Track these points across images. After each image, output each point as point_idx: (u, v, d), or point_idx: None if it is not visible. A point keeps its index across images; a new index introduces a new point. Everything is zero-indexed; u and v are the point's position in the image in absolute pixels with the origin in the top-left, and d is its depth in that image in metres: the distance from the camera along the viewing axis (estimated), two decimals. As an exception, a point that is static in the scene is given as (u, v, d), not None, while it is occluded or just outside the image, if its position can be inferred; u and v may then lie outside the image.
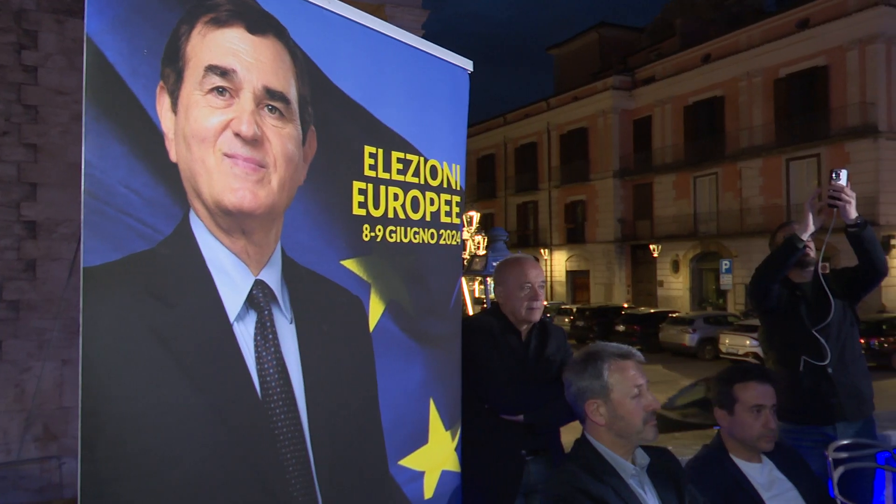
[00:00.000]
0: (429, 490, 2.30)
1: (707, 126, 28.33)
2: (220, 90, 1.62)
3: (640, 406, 1.96)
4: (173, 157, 1.54)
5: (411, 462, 2.22)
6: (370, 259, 2.07)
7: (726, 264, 25.46)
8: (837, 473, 2.81)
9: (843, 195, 2.85)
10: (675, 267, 29.85)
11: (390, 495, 2.14)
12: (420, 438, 2.27)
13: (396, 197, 2.18)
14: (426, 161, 2.30)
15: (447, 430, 2.40)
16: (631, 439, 1.98)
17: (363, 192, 2.05)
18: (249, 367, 1.67)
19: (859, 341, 3.21)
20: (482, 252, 13.67)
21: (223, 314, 1.63)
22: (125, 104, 1.46)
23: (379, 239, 2.11)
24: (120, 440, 1.44)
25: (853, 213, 2.88)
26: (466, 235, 13.78)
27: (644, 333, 23.61)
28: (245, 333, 1.67)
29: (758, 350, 17.06)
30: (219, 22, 1.62)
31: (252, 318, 1.70)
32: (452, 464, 2.44)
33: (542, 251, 36.19)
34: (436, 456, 2.34)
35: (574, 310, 28.45)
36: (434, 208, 2.34)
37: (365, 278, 2.05)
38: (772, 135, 25.66)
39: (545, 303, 2.85)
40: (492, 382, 2.57)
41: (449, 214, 2.42)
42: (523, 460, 2.56)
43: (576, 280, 35.64)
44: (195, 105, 1.57)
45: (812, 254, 3.06)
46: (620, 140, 32.48)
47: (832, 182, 2.88)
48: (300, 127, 1.82)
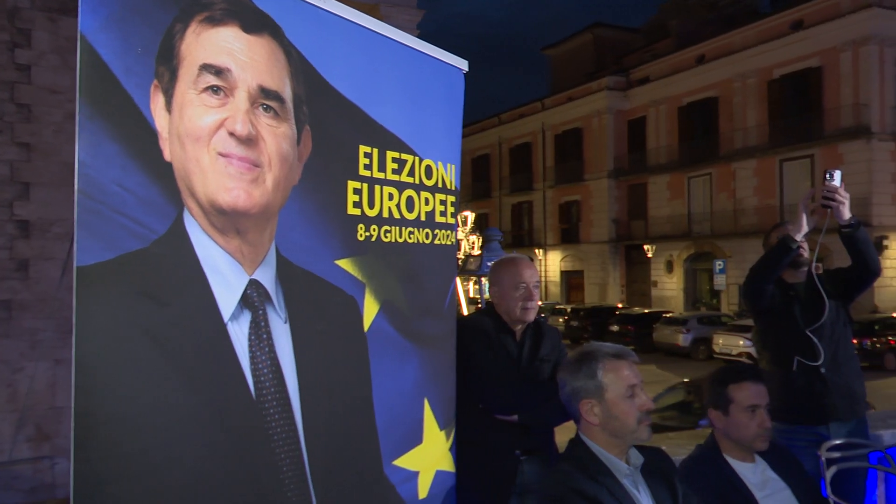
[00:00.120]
0: (423, 490, 2.30)
1: (701, 127, 28.40)
2: (215, 89, 1.61)
3: (635, 406, 1.96)
4: (167, 157, 1.53)
5: (406, 462, 2.22)
6: (365, 259, 2.06)
7: (720, 265, 25.54)
8: (830, 473, 2.82)
9: (837, 196, 2.86)
10: (669, 267, 29.92)
11: (385, 495, 2.14)
12: (414, 438, 2.27)
13: (391, 197, 2.17)
14: (421, 161, 2.30)
15: (442, 430, 2.40)
16: (625, 439, 1.98)
17: (358, 192, 2.05)
18: (243, 367, 1.67)
19: (852, 341, 3.22)
20: (477, 252, 13.67)
21: (217, 314, 1.62)
22: (119, 103, 1.45)
23: (374, 239, 2.10)
24: (113, 440, 1.43)
25: (847, 214, 2.89)
26: (461, 235, 13.80)
27: (638, 333, 23.67)
28: (239, 333, 1.67)
29: (751, 350, 17.10)
30: (213, 21, 1.62)
31: (246, 318, 1.69)
32: (447, 464, 2.44)
33: (537, 251, 36.22)
34: (430, 456, 2.34)
35: (568, 310, 28.51)
36: (429, 208, 2.34)
37: (360, 278, 2.05)
38: (766, 135, 25.74)
39: (539, 303, 2.85)
40: (486, 382, 2.57)
41: (444, 214, 2.42)
42: (518, 460, 2.56)
43: (570, 280, 35.70)
44: (189, 104, 1.57)
45: (806, 254, 3.07)
46: (615, 140, 32.53)
47: (826, 183, 2.89)
48: (295, 126, 1.82)
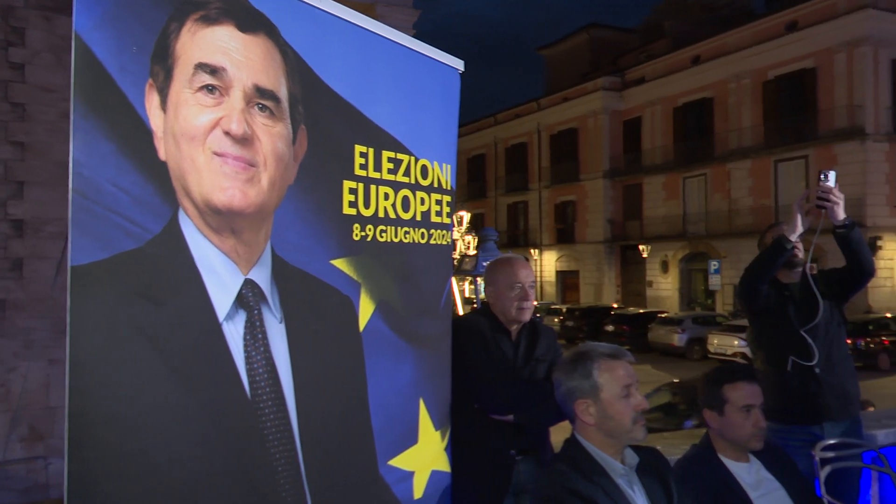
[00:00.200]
0: (418, 490, 2.30)
1: (696, 127, 28.46)
2: (210, 88, 1.61)
3: (630, 406, 1.96)
4: (162, 156, 1.53)
5: (401, 462, 2.22)
6: (360, 259, 2.06)
7: (715, 265, 25.60)
8: (824, 473, 2.83)
9: (832, 196, 2.87)
10: (665, 267, 29.97)
11: (380, 495, 2.13)
12: (410, 438, 2.27)
13: (387, 196, 2.17)
14: (417, 161, 2.29)
15: (437, 430, 2.40)
16: (620, 439, 1.98)
17: (353, 192, 2.05)
18: (238, 367, 1.67)
19: (846, 342, 3.23)
20: (472, 252, 13.67)
21: (212, 313, 1.62)
22: (114, 102, 1.45)
23: (369, 238, 2.10)
24: (107, 440, 1.43)
25: (841, 215, 2.90)
26: (457, 235, 13.79)
27: (633, 333, 23.71)
28: (234, 333, 1.66)
29: (746, 350, 17.15)
30: (209, 20, 1.61)
31: (241, 318, 1.69)
32: (442, 464, 2.44)
33: (532, 251, 36.25)
34: (425, 456, 2.34)
35: (564, 310, 28.53)
36: (424, 208, 2.34)
37: (355, 278, 2.05)
38: (760, 136, 25.82)
39: (535, 303, 2.85)
40: (482, 382, 2.57)
41: (439, 214, 2.42)
42: (513, 460, 2.56)
43: (565, 280, 35.72)
44: (185, 103, 1.56)
45: (800, 254, 3.07)
46: (610, 141, 32.58)
47: (820, 183, 2.90)
48: (290, 126, 1.82)
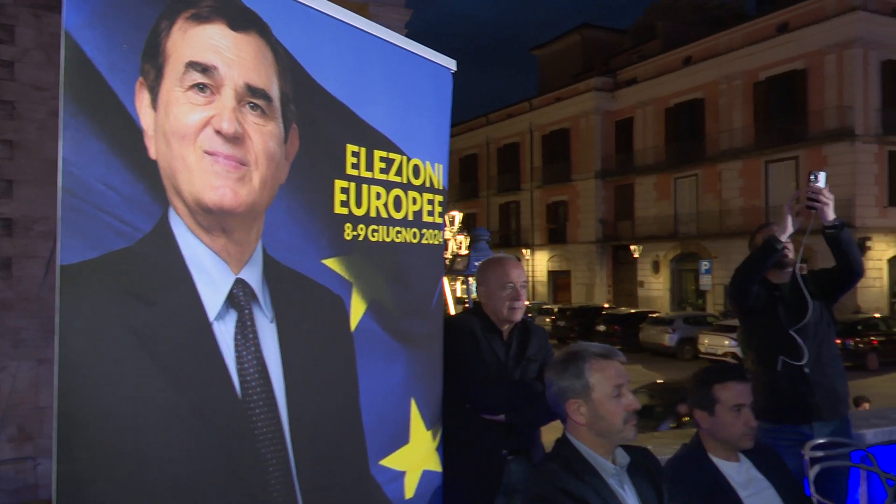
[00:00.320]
0: (410, 490, 2.30)
1: (688, 128, 28.56)
2: (201, 87, 1.60)
3: (621, 406, 1.97)
4: (153, 154, 1.52)
5: (392, 462, 2.21)
6: (352, 258, 2.06)
7: (706, 265, 25.71)
8: (813, 472, 2.84)
9: (822, 197, 2.88)
10: (656, 267, 30.08)
11: (371, 495, 2.13)
12: (401, 438, 2.27)
13: (379, 196, 2.17)
14: (409, 160, 2.29)
15: (428, 430, 2.40)
16: (611, 439, 1.99)
17: (345, 191, 2.04)
18: (229, 367, 1.66)
19: (835, 342, 3.25)
20: (464, 252, 13.67)
21: (203, 313, 1.61)
22: (104, 100, 1.44)
23: (361, 238, 2.10)
24: (96, 440, 1.42)
25: (831, 215, 2.91)
26: (449, 235, 13.80)
27: (624, 333, 23.77)
28: (225, 333, 1.66)
29: (736, 350, 17.23)
30: (200, 18, 1.61)
31: (232, 318, 1.68)
32: (434, 463, 2.44)
33: (524, 251, 36.29)
34: (417, 456, 2.34)
35: (555, 310, 28.58)
36: (416, 208, 2.34)
37: (347, 277, 2.04)
38: (751, 137, 25.93)
39: (527, 303, 2.85)
40: (473, 382, 2.57)
41: (431, 214, 2.42)
42: (504, 460, 2.57)
43: (557, 280, 35.78)
44: (175, 102, 1.56)
45: (791, 255, 3.09)
46: (602, 141, 32.65)
47: (810, 184, 2.92)
48: (282, 125, 1.81)
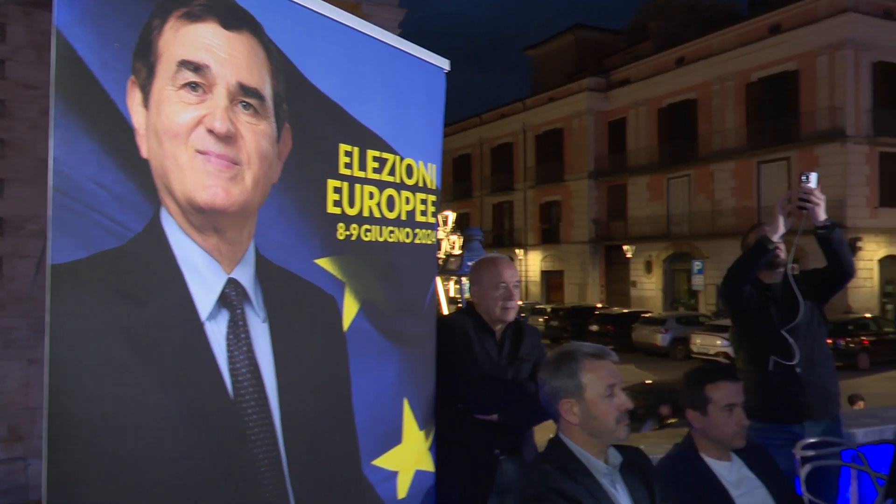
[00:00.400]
0: (402, 490, 2.30)
1: (681, 128, 28.64)
2: (193, 86, 1.60)
3: (614, 405, 1.97)
4: (144, 153, 1.52)
5: (385, 462, 2.21)
6: (345, 258, 2.05)
7: (698, 265, 25.79)
8: (805, 471, 2.86)
9: (813, 197, 2.90)
10: (648, 267, 30.16)
11: (363, 495, 2.13)
12: (394, 438, 2.27)
13: (372, 196, 2.17)
14: (402, 160, 2.29)
15: (421, 430, 2.40)
16: (604, 438, 1.99)
17: (338, 191, 2.04)
18: (221, 367, 1.65)
19: (827, 341, 3.26)
20: (458, 252, 13.68)
21: (194, 313, 1.61)
22: (95, 98, 1.43)
23: (354, 238, 2.09)
24: (87, 441, 1.41)
25: (822, 216, 2.93)
26: (442, 235, 13.78)
27: (617, 333, 23.83)
28: (217, 332, 1.65)
29: (728, 350, 17.29)
30: (192, 16, 1.60)
31: (224, 317, 1.67)
32: (426, 463, 2.44)
33: (518, 251, 36.32)
34: (409, 456, 2.34)
35: (548, 310, 28.62)
36: (409, 207, 2.34)
37: (339, 277, 2.04)
38: (744, 138, 26.03)
39: (520, 302, 2.85)
40: (466, 382, 2.57)
41: (424, 214, 2.41)
42: (497, 460, 2.57)
43: (550, 280, 35.84)
44: (167, 100, 1.55)
45: (782, 255, 3.10)
46: (595, 141, 32.71)
47: (802, 185, 2.93)
48: (275, 124, 1.81)
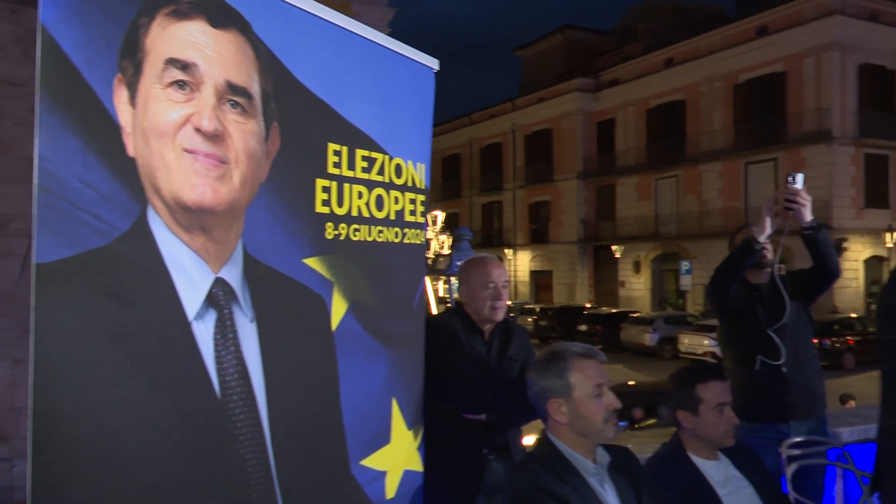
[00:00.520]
0: (391, 490, 2.29)
1: (669, 129, 28.77)
2: (181, 84, 1.59)
3: (602, 405, 1.98)
4: (131, 152, 1.50)
5: (373, 462, 2.21)
6: (333, 258, 2.05)
7: (686, 265, 25.92)
8: (791, 470, 2.88)
9: (799, 198, 2.92)
10: (637, 268, 30.28)
11: (352, 495, 2.12)
12: (382, 438, 2.26)
13: (360, 195, 2.16)
14: (391, 159, 2.29)
15: (409, 430, 2.40)
16: (592, 438, 2.00)
17: (327, 190, 2.03)
18: (208, 367, 1.64)
19: (813, 341, 3.28)
20: (446, 251, 13.68)
21: (181, 313, 1.60)
22: (81, 96, 1.42)
23: (342, 237, 2.09)
24: (73, 442, 1.40)
25: (808, 216, 2.95)
26: (431, 235, 13.77)
27: (606, 333, 23.91)
28: (204, 332, 1.64)
29: (716, 350, 17.40)
30: (180, 14, 1.59)
31: (212, 317, 1.67)
32: (415, 463, 2.43)
33: (507, 251, 36.36)
34: (398, 455, 2.33)
35: (537, 309, 28.68)
36: (398, 207, 2.33)
37: (328, 277, 2.03)
38: (731, 139, 26.19)
39: (508, 302, 2.86)
40: (454, 381, 2.57)
41: (413, 213, 2.41)
42: (486, 459, 2.57)
43: (539, 280, 35.91)
44: (154, 99, 1.54)
45: (769, 255, 3.12)
46: (584, 141, 32.80)
47: (788, 185, 2.95)
48: (263, 123, 1.80)
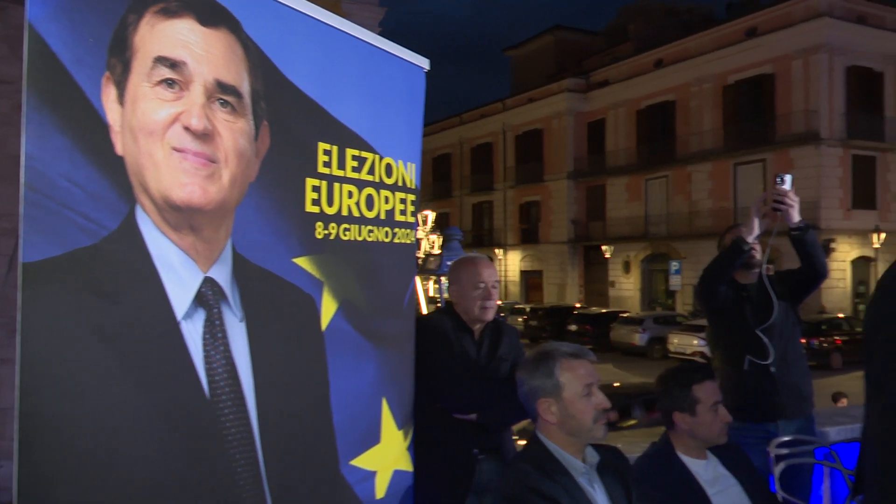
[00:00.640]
0: (380, 490, 2.29)
1: (659, 130, 28.88)
2: (170, 82, 1.58)
3: (591, 405, 1.98)
4: (119, 151, 1.49)
5: (363, 462, 2.20)
6: (323, 257, 2.04)
7: (676, 266, 26.03)
8: (779, 469, 2.90)
9: (787, 199, 2.93)
10: (627, 268, 30.38)
11: (341, 495, 2.12)
12: (372, 438, 2.26)
13: (351, 195, 2.16)
14: (381, 159, 2.28)
15: (399, 430, 2.39)
16: (581, 438, 2.00)
17: (317, 189, 2.03)
18: (197, 367, 1.64)
19: (801, 341, 3.31)
20: (437, 251, 13.67)
21: (170, 312, 1.59)
22: (68, 94, 1.41)
23: (332, 237, 2.08)
24: (59, 442, 1.39)
25: (796, 217, 2.97)
26: (421, 234, 13.76)
27: (596, 333, 23.97)
28: (193, 332, 1.63)
29: (705, 349, 17.48)
30: (168, 12, 1.58)
31: (201, 317, 1.66)
32: (405, 463, 2.43)
33: (497, 251, 36.39)
34: (388, 455, 2.33)
35: (527, 309, 28.71)
36: (389, 207, 2.33)
37: (318, 276, 2.03)
38: (721, 140, 26.32)
39: (499, 302, 2.86)
40: (445, 381, 2.57)
41: (404, 213, 2.41)
42: (475, 459, 2.57)
43: (529, 280, 35.96)
44: (143, 97, 1.53)
45: (757, 256, 3.13)
46: (574, 142, 32.88)
47: (777, 187, 2.97)
48: (252, 122, 1.79)
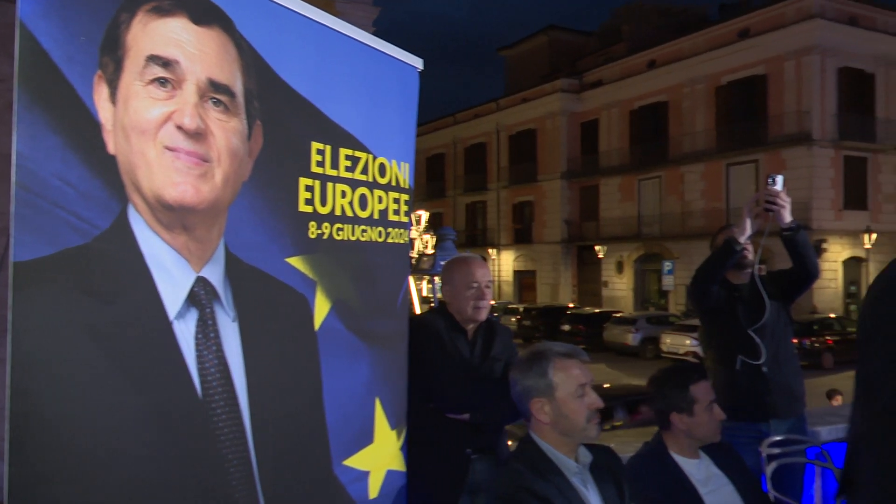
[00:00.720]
0: (373, 490, 2.29)
1: (652, 130, 28.97)
2: (162, 81, 1.57)
3: (584, 405, 1.99)
4: (111, 150, 1.49)
5: (356, 462, 2.20)
6: (316, 257, 2.04)
7: (668, 266, 26.10)
8: (770, 468, 2.91)
9: (779, 200, 2.95)
10: (620, 268, 30.46)
11: (334, 495, 2.12)
12: (365, 438, 2.26)
13: (344, 194, 2.15)
14: (375, 159, 2.28)
15: (393, 430, 2.39)
16: (574, 437, 2.01)
17: (310, 189, 2.02)
18: (189, 367, 1.63)
19: (792, 341, 3.32)
20: (430, 251, 13.66)
21: (162, 312, 1.58)
22: (60, 93, 1.40)
23: (325, 236, 2.08)
24: (51, 442, 1.38)
25: (788, 218, 2.98)
26: (415, 234, 13.75)
27: (589, 333, 24.01)
28: (185, 332, 1.63)
29: (697, 349, 17.52)
30: (161, 11, 1.58)
31: (193, 316, 1.65)
32: (398, 463, 2.43)
33: (490, 251, 36.43)
34: (381, 455, 2.33)
35: (521, 309, 28.75)
36: (382, 206, 2.33)
37: (311, 276, 2.02)
38: (713, 140, 26.42)
39: (492, 302, 2.87)
40: (437, 381, 2.57)
41: (397, 213, 2.41)
42: (468, 459, 2.57)
43: (523, 280, 36.00)
44: (135, 96, 1.52)
45: (749, 256, 3.15)
46: (568, 142, 32.95)
47: (769, 187, 2.98)
48: (246, 121, 1.79)
